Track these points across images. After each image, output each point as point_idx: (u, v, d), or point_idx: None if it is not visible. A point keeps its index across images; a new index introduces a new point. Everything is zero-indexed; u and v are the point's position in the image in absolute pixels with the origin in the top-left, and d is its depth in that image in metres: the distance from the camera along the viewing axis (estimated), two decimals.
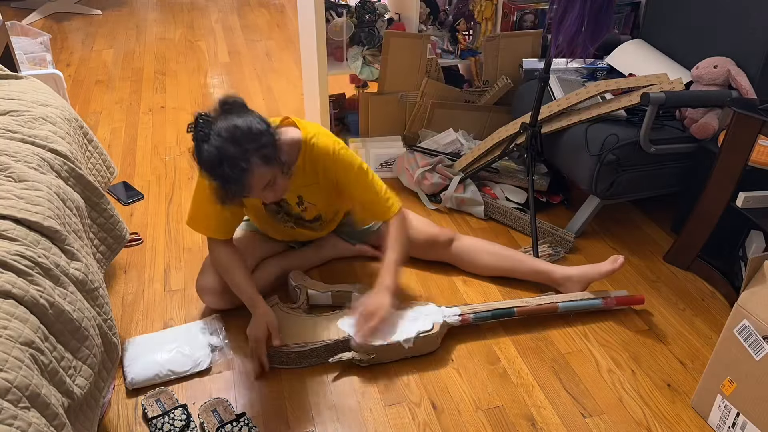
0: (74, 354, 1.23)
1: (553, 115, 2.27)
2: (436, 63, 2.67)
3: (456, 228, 2.32)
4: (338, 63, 2.68)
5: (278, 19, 4.52)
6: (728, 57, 2.13)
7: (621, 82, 2.28)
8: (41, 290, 1.19)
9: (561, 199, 2.47)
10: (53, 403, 1.09)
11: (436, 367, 1.74)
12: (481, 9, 2.71)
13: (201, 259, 2.13)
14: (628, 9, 2.72)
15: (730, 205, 1.92)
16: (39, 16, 4.32)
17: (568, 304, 1.87)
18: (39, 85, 1.91)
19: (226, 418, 1.55)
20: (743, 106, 1.84)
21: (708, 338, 1.86)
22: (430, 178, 2.43)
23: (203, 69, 3.64)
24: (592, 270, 1.94)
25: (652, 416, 1.62)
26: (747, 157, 1.86)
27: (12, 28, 2.95)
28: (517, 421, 1.60)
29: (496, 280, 2.05)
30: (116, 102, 3.21)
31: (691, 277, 2.11)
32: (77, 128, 1.83)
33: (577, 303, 1.88)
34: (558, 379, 1.72)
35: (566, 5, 1.86)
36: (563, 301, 1.87)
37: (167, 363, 1.67)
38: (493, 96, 2.70)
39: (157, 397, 1.60)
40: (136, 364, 1.67)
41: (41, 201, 1.37)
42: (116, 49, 3.90)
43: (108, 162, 1.95)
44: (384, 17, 2.70)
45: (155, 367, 1.66)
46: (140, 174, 2.60)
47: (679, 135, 2.14)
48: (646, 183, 2.19)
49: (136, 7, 4.68)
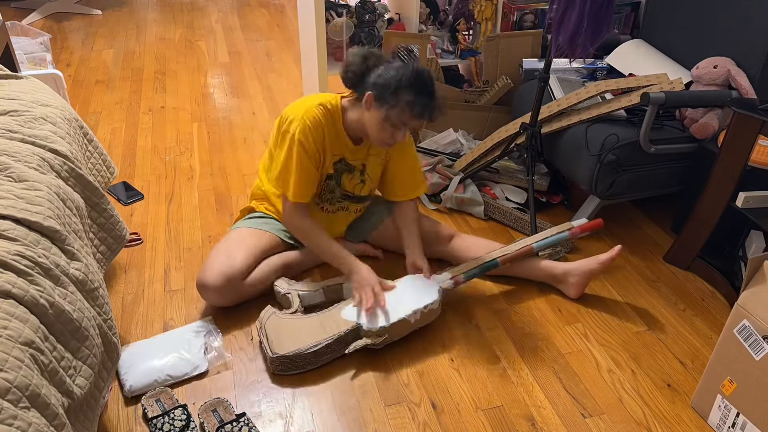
0: (74, 354, 1.23)
1: (553, 115, 2.27)
2: (436, 63, 2.67)
3: (456, 228, 2.32)
4: (338, 63, 2.68)
5: (278, 19, 4.53)
6: (728, 57, 2.13)
7: (621, 82, 2.28)
8: (41, 290, 1.19)
9: (561, 199, 2.47)
10: (53, 403, 1.09)
11: (436, 366, 1.75)
12: (481, 9, 2.71)
13: (201, 259, 2.13)
14: (628, 9, 2.72)
15: (730, 205, 1.92)
16: (39, 16, 4.32)
17: (541, 242, 1.99)
18: (39, 85, 1.91)
19: (226, 418, 1.55)
20: (743, 106, 1.84)
21: (708, 338, 1.86)
22: (430, 178, 2.43)
23: (203, 69, 3.64)
24: (590, 261, 1.95)
25: (652, 416, 1.62)
26: (747, 157, 1.86)
27: (12, 28, 2.95)
28: (517, 421, 1.60)
29: (495, 278, 2.05)
30: (116, 102, 3.21)
31: (691, 277, 2.11)
32: (77, 128, 1.83)
33: (548, 240, 1.99)
34: (558, 379, 1.72)
35: (566, 5, 1.86)
36: (537, 241, 1.99)
37: (165, 368, 1.66)
38: (493, 96, 2.70)
39: (157, 397, 1.60)
40: (134, 371, 1.65)
41: (41, 201, 1.37)
42: (116, 49, 3.90)
43: (108, 162, 1.95)
44: (384, 17, 2.71)
45: (153, 373, 1.65)
46: (140, 174, 2.60)
47: (679, 135, 2.14)
48: (646, 183, 2.19)
49: (136, 7, 4.68)
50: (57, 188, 1.47)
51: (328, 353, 1.72)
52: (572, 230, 2.01)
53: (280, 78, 3.52)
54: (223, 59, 3.78)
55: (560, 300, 1.99)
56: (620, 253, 2.00)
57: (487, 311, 1.94)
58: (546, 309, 1.95)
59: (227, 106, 3.19)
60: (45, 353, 1.13)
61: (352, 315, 1.75)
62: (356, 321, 1.73)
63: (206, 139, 2.88)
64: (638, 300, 2.01)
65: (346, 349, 1.71)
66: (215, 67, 3.66)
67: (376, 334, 1.71)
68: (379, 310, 1.76)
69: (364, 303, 1.76)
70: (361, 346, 1.71)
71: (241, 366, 1.73)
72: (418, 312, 1.76)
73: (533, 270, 2.01)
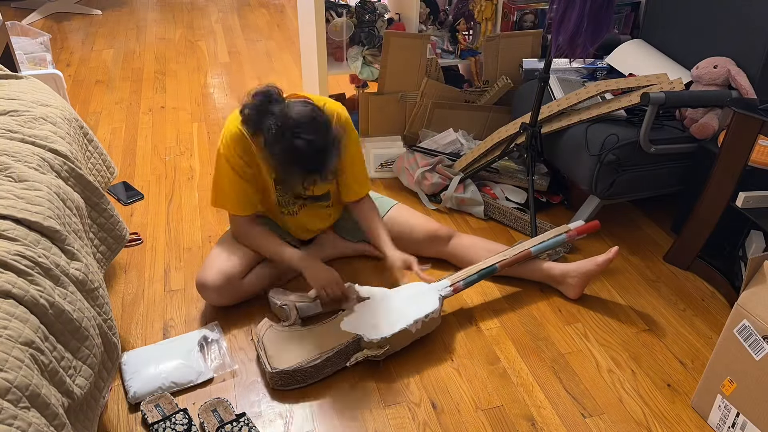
0: (74, 354, 1.23)
1: (553, 115, 2.27)
2: (436, 63, 2.67)
3: (456, 228, 2.32)
4: (338, 63, 2.68)
5: (278, 19, 4.52)
6: (728, 57, 2.13)
7: (621, 82, 2.28)
8: (41, 290, 1.19)
9: (561, 199, 2.47)
10: (53, 403, 1.09)
11: (436, 367, 1.75)
12: (481, 9, 2.71)
13: (201, 259, 2.13)
14: (628, 9, 2.72)
15: (730, 205, 1.92)
16: (39, 16, 4.32)
17: (538, 246, 1.97)
18: (39, 85, 1.91)
19: (226, 418, 1.55)
20: (743, 106, 1.84)
21: (708, 338, 1.86)
22: (430, 178, 2.43)
23: (203, 69, 3.64)
24: (588, 263, 1.94)
25: (652, 416, 1.62)
26: (747, 157, 1.86)
27: (12, 28, 2.95)
28: (517, 421, 1.60)
29: (495, 278, 2.05)
30: (116, 102, 3.21)
31: (691, 277, 2.11)
32: (77, 128, 1.83)
33: (545, 243, 1.98)
34: (558, 379, 1.72)
35: (566, 5, 1.86)
36: (534, 245, 1.97)
37: (170, 375, 1.65)
38: (493, 96, 2.70)
39: (156, 402, 1.59)
40: (138, 377, 1.64)
41: (41, 201, 1.37)
42: (116, 49, 3.90)
43: (108, 162, 1.95)
44: (384, 17, 2.70)
45: (158, 380, 1.64)
46: (140, 174, 2.60)
47: (679, 135, 2.14)
48: (646, 183, 2.19)
49: (136, 7, 4.68)
50: (57, 188, 1.47)
51: (329, 366, 1.69)
52: (569, 233, 2.00)
53: (280, 78, 3.52)
54: (223, 59, 3.78)
55: (560, 300, 1.99)
56: (617, 255, 2.00)
57: (487, 311, 1.94)
58: (546, 309, 1.95)
59: (227, 106, 3.19)
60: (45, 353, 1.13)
61: (352, 326, 1.73)
62: (356, 333, 1.71)
63: (206, 139, 2.88)
64: (638, 300, 2.01)
65: (348, 362, 1.68)
66: (215, 67, 3.66)
67: (377, 346, 1.69)
68: (379, 320, 1.74)
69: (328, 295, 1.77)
70: (362, 358, 1.68)
71: (241, 366, 1.73)
72: (419, 321, 1.73)
73: (533, 271, 2.01)
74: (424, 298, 1.80)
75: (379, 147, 2.70)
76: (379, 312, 1.77)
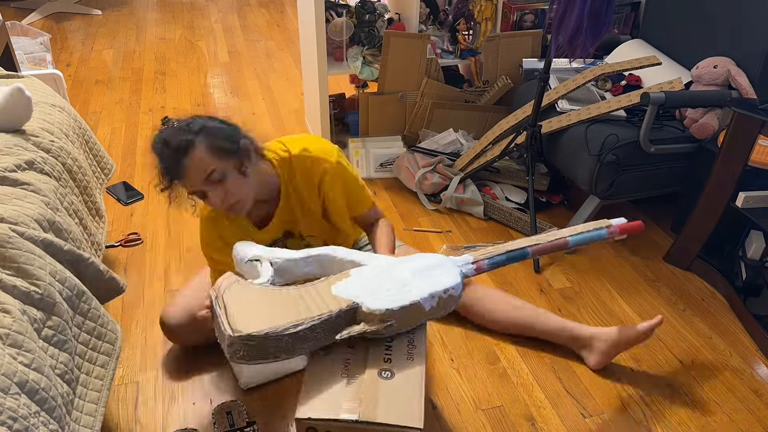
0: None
1: (552, 116, 2.27)
2: (436, 63, 2.67)
3: (456, 228, 2.32)
4: (338, 63, 2.68)
5: (278, 19, 4.52)
6: (728, 57, 2.13)
7: (615, 65, 2.28)
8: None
9: (561, 199, 2.47)
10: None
11: (436, 366, 1.74)
12: (481, 9, 2.71)
13: (201, 259, 2.12)
14: (628, 9, 2.72)
15: (730, 205, 1.92)
16: (39, 16, 4.32)
17: (576, 237, 1.58)
18: (39, 85, 1.91)
19: (237, 424, 1.54)
20: (743, 106, 1.84)
21: (708, 338, 1.86)
22: (430, 178, 2.43)
23: (203, 69, 3.64)
24: (624, 330, 1.69)
25: (652, 416, 1.62)
26: (747, 157, 1.86)
27: (12, 28, 2.95)
28: (517, 421, 1.60)
29: (495, 279, 2.05)
30: (116, 102, 3.21)
31: (691, 277, 2.11)
32: (77, 128, 1.83)
33: (584, 235, 1.59)
34: (558, 379, 1.72)
35: (566, 5, 1.86)
36: (572, 235, 1.59)
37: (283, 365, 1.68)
38: (493, 96, 2.70)
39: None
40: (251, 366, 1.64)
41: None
42: (116, 49, 3.90)
43: (107, 161, 1.95)
44: (384, 17, 2.70)
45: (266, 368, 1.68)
46: (140, 174, 2.60)
47: (679, 135, 2.14)
48: (646, 183, 2.19)
49: (136, 7, 4.68)
50: (55, 189, 1.47)
51: (311, 339, 1.21)
52: (610, 229, 1.66)
53: (280, 78, 3.52)
54: (223, 59, 3.78)
55: (560, 300, 1.99)
56: (662, 322, 1.68)
57: None
58: (546, 309, 1.95)
59: (227, 106, 3.19)
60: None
61: (347, 291, 1.28)
62: (353, 300, 1.26)
63: None
64: (638, 300, 2.00)
65: (337, 335, 1.24)
66: (215, 67, 3.66)
67: (378, 319, 1.24)
68: (383, 288, 1.30)
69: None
70: (357, 333, 1.24)
71: None
72: (435, 297, 1.30)
73: (558, 330, 1.78)
74: (442, 270, 1.37)
75: (379, 147, 2.70)
76: (383, 279, 1.33)
